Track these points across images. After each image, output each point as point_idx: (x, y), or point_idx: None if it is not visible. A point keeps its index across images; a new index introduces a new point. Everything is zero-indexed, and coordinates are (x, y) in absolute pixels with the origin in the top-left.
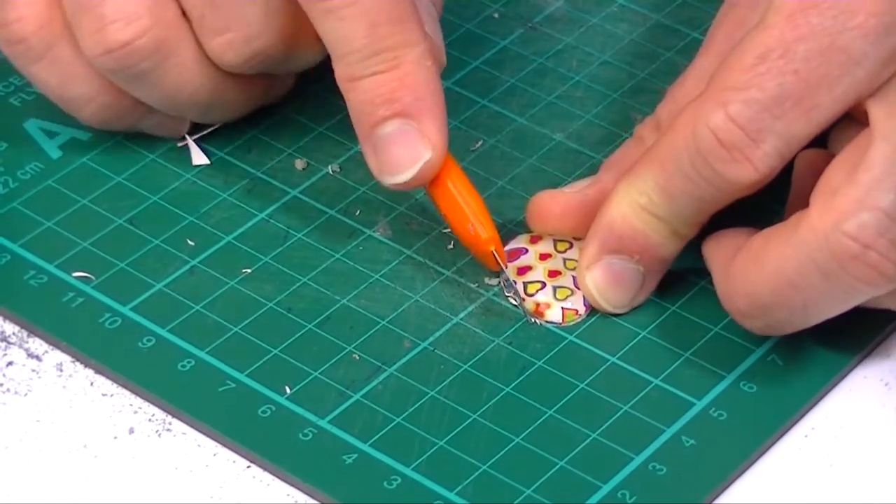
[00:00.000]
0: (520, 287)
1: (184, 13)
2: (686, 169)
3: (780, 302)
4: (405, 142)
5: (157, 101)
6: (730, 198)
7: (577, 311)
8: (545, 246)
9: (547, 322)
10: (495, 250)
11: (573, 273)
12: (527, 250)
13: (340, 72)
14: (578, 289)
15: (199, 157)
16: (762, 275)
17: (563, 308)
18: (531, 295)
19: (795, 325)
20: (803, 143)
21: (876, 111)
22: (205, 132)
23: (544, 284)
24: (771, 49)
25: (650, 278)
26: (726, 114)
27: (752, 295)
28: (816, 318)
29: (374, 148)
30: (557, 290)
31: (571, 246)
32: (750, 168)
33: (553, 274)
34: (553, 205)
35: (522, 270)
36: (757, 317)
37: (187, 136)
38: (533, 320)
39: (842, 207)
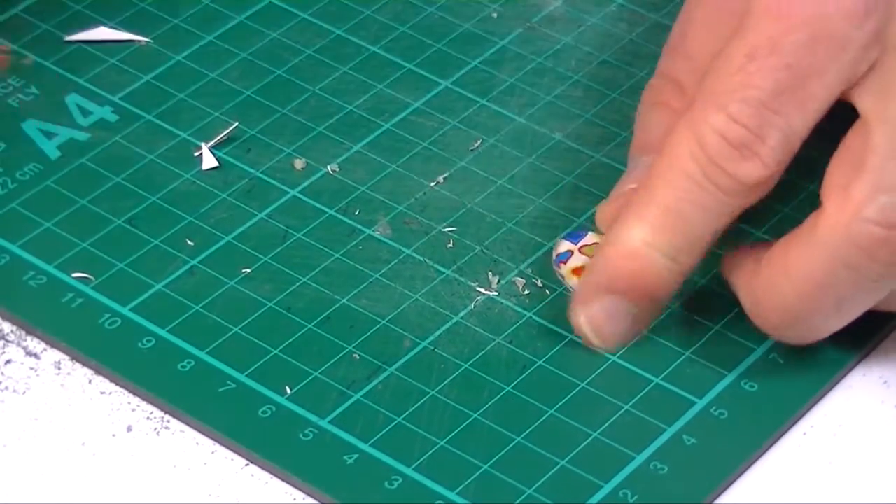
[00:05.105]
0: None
1: None
2: (698, 179)
3: (812, 307)
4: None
5: None
6: (740, 205)
7: None
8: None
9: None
10: None
11: None
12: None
13: None
14: None
15: (209, 162)
16: (789, 284)
17: None
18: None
19: (832, 327)
20: (804, 135)
21: (864, 101)
22: (217, 139)
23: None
24: (757, 47)
25: (644, 320)
26: (728, 115)
27: (782, 307)
28: (851, 315)
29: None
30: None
31: None
32: (759, 164)
33: None
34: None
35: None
36: (792, 327)
37: (203, 144)
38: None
39: (858, 196)
